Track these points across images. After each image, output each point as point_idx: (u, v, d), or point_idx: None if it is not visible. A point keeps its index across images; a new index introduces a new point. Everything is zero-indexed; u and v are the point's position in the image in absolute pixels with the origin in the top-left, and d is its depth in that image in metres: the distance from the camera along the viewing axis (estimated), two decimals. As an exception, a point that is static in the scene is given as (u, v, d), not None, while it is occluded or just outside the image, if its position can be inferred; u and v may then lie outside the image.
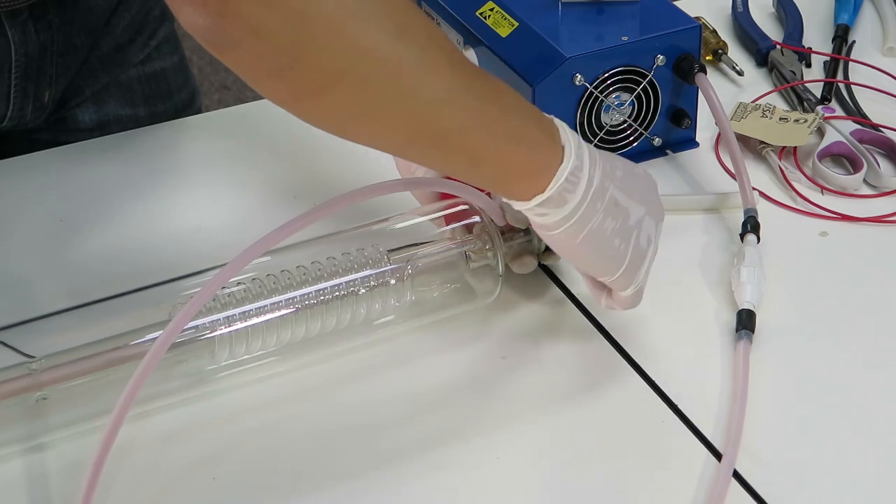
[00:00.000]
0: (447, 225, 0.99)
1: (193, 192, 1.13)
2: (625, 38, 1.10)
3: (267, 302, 0.92)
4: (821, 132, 1.17)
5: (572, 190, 0.84)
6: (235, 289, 0.92)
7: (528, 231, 0.97)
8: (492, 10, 1.16)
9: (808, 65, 1.28)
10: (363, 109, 0.78)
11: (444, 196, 0.99)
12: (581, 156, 0.85)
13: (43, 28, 1.13)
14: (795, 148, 1.15)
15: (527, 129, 0.83)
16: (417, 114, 0.79)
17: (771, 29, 1.34)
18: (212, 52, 0.73)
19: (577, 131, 1.11)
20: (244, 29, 0.72)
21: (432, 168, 0.88)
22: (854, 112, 1.21)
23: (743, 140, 1.15)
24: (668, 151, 1.17)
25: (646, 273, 0.91)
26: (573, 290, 1.01)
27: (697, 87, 1.13)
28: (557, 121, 0.86)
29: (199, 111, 1.31)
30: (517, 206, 0.86)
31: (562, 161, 0.84)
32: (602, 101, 1.11)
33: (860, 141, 1.16)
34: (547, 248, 0.98)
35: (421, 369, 0.95)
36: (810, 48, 1.29)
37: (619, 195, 0.87)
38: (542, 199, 0.84)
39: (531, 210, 0.85)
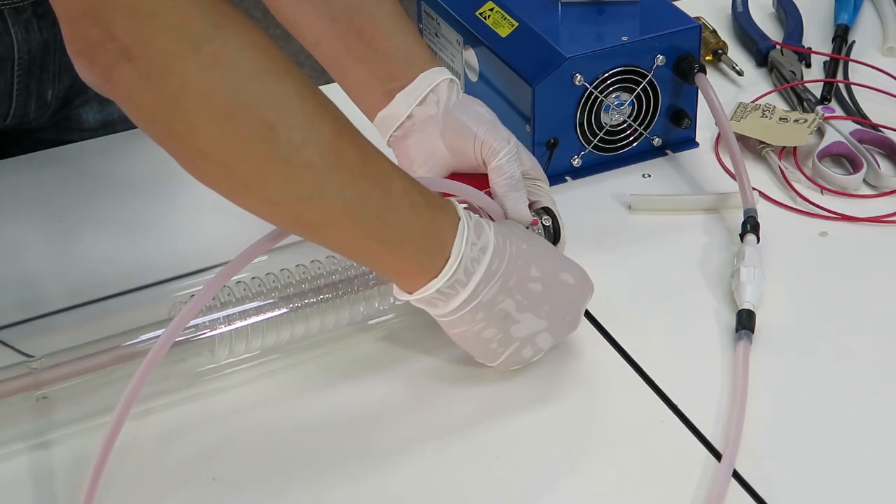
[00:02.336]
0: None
1: (194, 192, 1.12)
2: (625, 38, 1.10)
3: (267, 301, 0.92)
4: (821, 132, 1.17)
5: (448, 298, 0.86)
6: (235, 288, 0.92)
7: (528, 229, 0.97)
8: (492, 10, 1.16)
9: (808, 65, 1.28)
10: (232, 188, 0.81)
11: (446, 195, 0.99)
12: (474, 271, 0.86)
13: (46, 25, 1.13)
14: (795, 148, 1.15)
15: (404, 239, 0.85)
16: (286, 204, 0.81)
17: (771, 29, 1.34)
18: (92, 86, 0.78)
19: (577, 131, 1.11)
20: (123, 97, 0.77)
21: (320, 244, 0.90)
22: (854, 112, 1.21)
23: (743, 140, 1.15)
24: (668, 151, 1.17)
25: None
26: (573, 290, 1.01)
27: (697, 87, 1.13)
28: (464, 226, 0.86)
29: (201, 111, 1.31)
30: (396, 293, 0.88)
31: (437, 274, 0.85)
32: (602, 101, 1.11)
33: (860, 141, 1.16)
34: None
35: (420, 368, 0.95)
36: (810, 48, 1.29)
37: (514, 310, 0.88)
38: (411, 299, 0.87)
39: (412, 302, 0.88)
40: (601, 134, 1.13)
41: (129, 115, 0.78)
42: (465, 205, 0.98)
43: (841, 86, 1.24)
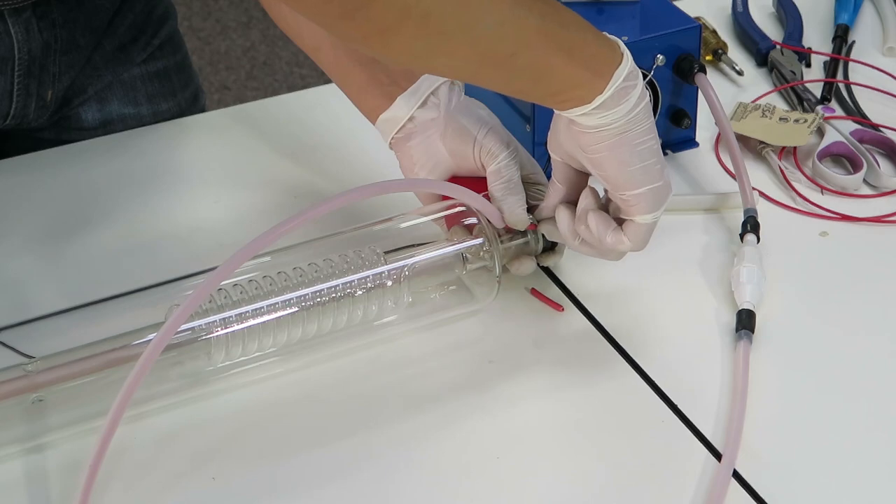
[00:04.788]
0: (448, 226, 0.99)
1: (194, 192, 1.13)
2: (625, 38, 1.10)
3: (263, 304, 0.91)
4: (821, 132, 1.17)
5: (630, 90, 0.86)
6: (232, 290, 0.92)
7: (525, 233, 0.97)
8: (492, 10, 1.15)
9: (808, 65, 1.28)
10: (429, 44, 0.80)
11: (446, 197, 0.99)
12: (636, 68, 0.87)
13: (46, 26, 1.13)
14: (795, 148, 1.15)
15: (586, 40, 0.85)
16: (482, 40, 0.81)
17: (771, 29, 1.34)
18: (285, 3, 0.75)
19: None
20: None
21: (496, 89, 0.91)
22: (854, 112, 1.21)
23: (743, 140, 1.15)
24: (668, 151, 1.17)
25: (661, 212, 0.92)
26: (573, 291, 1.01)
27: (697, 87, 1.13)
28: (614, 38, 0.88)
29: (202, 110, 1.31)
30: (577, 113, 0.87)
31: (619, 64, 0.86)
32: (602, 101, 1.11)
33: (860, 141, 1.16)
34: (545, 249, 0.98)
35: (418, 371, 0.95)
36: (810, 48, 1.29)
37: (654, 126, 0.89)
38: (603, 99, 0.86)
39: (590, 115, 0.86)
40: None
41: (319, 2, 0.76)
42: (463, 207, 0.98)
43: (841, 86, 1.24)
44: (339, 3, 0.76)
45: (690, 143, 1.18)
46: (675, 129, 1.16)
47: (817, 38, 1.33)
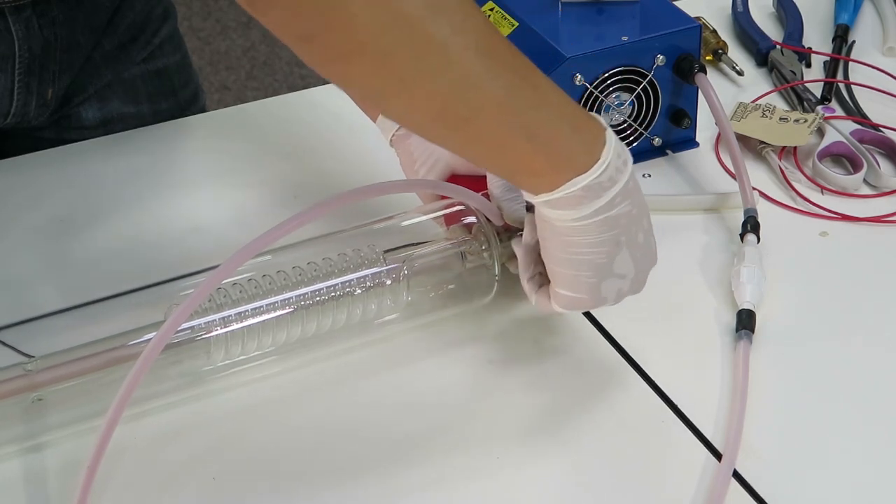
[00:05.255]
0: (447, 225, 0.99)
1: (194, 192, 1.13)
2: (625, 38, 1.10)
3: (263, 302, 0.91)
4: (821, 132, 1.17)
5: (588, 200, 0.82)
6: (231, 289, 0.92)
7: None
8: (492, 10, 1.16)
9: (808, 65, 1.28)
10: (385, 85, 0.77)
11: (444, 197, 0.99)
12: (616, 179, 0.82)
13: (47, 24, 1.13)
14: (795, 148, 1.15)
15: (558, 131, 0.81)
16: (438, 94, 0.78)
17: (771, 29, 1.34)
18: (248, 11, 0.74)
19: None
20: None
21: (452, 151, 0.86)
22: (854, 112, 1.21)
23: (743, 140, 1.15)
24: (668, 151, 1.17)
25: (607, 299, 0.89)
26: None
27: (697, 87, 1.13)
28: (611, 134, 0.83)
29: (203, 109, 1.31)
30: (527, 197, 0.84)
31: (585, 171, 0.81)
32: (602, 101, 1.11)
33: (860, 141, 1.16)
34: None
35: (418, 369, 0.95)
36: (810, 48, 1.29)
37: (624, 242, 0.85)
38: (549, 198, 0.82)
39: (547, 205, 0.83)
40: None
41: (279, 17, 0.74)
42: (462, 206, 0.98)
43: (841, 86, 1.24)
44: (301, 24, 0.74)
45: (690, 143, 1.18)
46: (675, 129, 1.16)
47: (817, 38, 1.33)
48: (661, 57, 1.11)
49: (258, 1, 0.74)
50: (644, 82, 1.12)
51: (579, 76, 1.09)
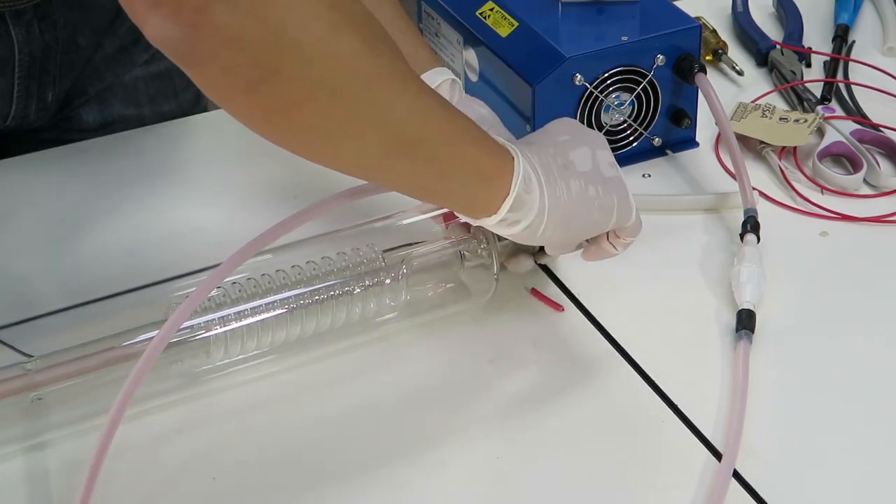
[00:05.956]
0: (445, 224, 0.99)
1: (194, 192, 1.13)
2: (625, 38, 1.10)
3: (262, 301, 0.92)
4: (821, 132, 1.17)
5: (529, 181, 0.84)
6: (231, 288, 0.92)
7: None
8: (492, 10, 1.16)
9: (808, 65, 1.28)
10: (338, 124, 0.76)
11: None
12: (515, 148, 0.85)
13: (47, 28, 1.13)
14: (795, 148, 1.15)
15: (485, 136, 0.84)
16: (392, 124, 0.78)
17: (771, 29, 1.34)
18: (181, 66, 0.71)
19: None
20: (221, 41, 0.69)
21: (402, 185, 0.85)
22: (854, 112, 1.21)
23: (743, 140, 1.15)
24: (668, 151, 1.17)
25: (630, 195, 0.90)
26: (573, 290, 1.01)
27: (697, 87, 1.13)
28: (511, 148, 0.86)
29: (204, 111, 1.31)
30: (488, 223, 0.85)
31: (513, 157, 0.84)
32: (602, 101, 1.11)
33: (860, 141, 1.16)
34: (542, 247, 0.98)
35: (417, 368, 0.95)
36: (810, 48, 1.29)
37: (560, 158, 0.87)
38: (511, 202, 0.84)
39: (504, 221, 0.85)
40: (601, 133, 1.13)
41: (220, 68, 0.71)
42: None
43: (841, 86, 1.24)
44: (244, 75, 0.71)
45: (690, 143, 1.18)
46: (675, 129, 1.16)
47: (817, 38, 1.33)
48: (661, 57, 1.11)
49: (197, 52, 0.70)
50: (644, 82, 1.12)
51: (579, 76, 1.09)
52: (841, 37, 1.31)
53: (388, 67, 0.76)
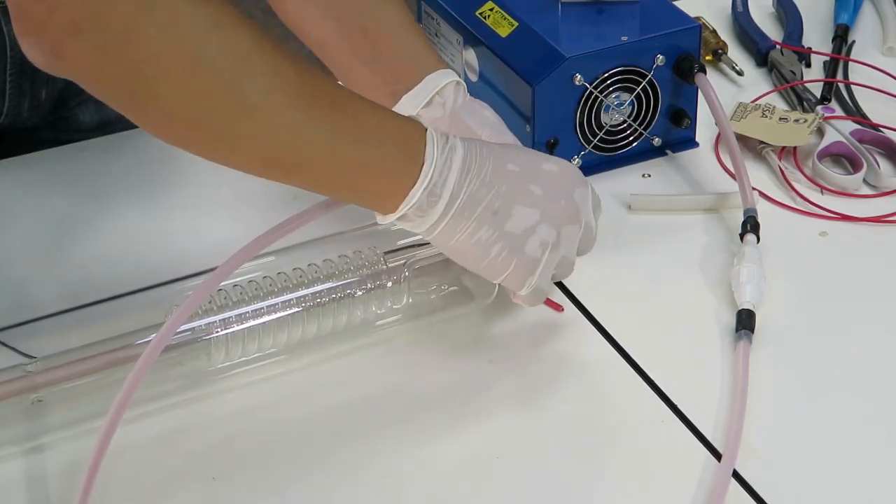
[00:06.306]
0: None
1: (193, 192, 1.13)
2: (625, 38, 1.10)
3: (263, 304, 0.92)
4: (821, 132, 1.17)
5: (429, 208, 0.84)
6: (232, 291, 0.92)
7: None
8: (492, 10, 1.16)
9: (808, 65, 1.28)
10: (208, 147, 0.80)
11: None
12: (446, 172, 0.84)
13: None
14: (795, 148, 1.15)
15: (383, 156, 0.83)
16: (263, 150, 0.80)
17: (771, 29, 1.34)
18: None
19: (577, 131, 1.11)
20: (79, 71, 0.74)
21: (298, 187, 0.87)
22: (854, 112, 1.21)
23: (743, 140, 1.15)
24: (668, 151, 1.17)
25: (543, 276, 0.89)
26: (571, 289, 1.01)
27: (697, 87, 1.13)
28: (431, 134, 0.85)
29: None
30: (380, 219, 0.86)
31: (416, 182, 0.84)
32: (602, 101, 1.11)
33: (860, 141, 1.16)
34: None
35: (418, 371, 0.95)
36: (810, 48, 1.29)
37: (500, 203, 0.86)
38: (396, 216, 0.85)
39: (396, 224, 0.86)
40: (601, 134, 1.13)
41: (88, 89, 0.76)
42: None
43: (841, 86, 1.24)
44: (116, 97, 0.77)
45: (690, 143, 1.18)
46: (675, 129, 1.16)
47: (817, 38, 1.33)
48: (661, 57, 1.11)
49: (62, 74, 0.75)
50: (644, 82, 1.12)
51: (579, 76, 1.09)
52: (841, 37, 1.31)
53: (257, 100, 0.78)
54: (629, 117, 1.14)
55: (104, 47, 0.73)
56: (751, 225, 1.04)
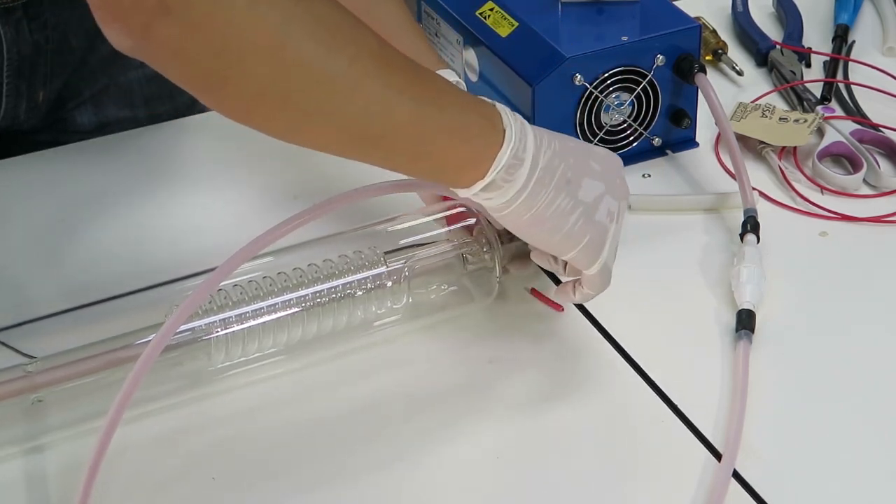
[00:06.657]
0: (449, 226, 0.99)
1: (193, 193, 1.13)
2: (625, 38, 1.10)
3: (263, 304, 0.91)
4: (821, 132, 1.17)
5: (514, 172, 0.84)
6: (232, 291, 0.92)
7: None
8: (492, 10, 1.16)
9: (808, 65, 1.28)
10: (291, 123, 0.79)
11: (446, 198, 0.99)
12: (524, 138, 0.84)
13: (37, 27, 1.13)
14: (795, 148, 1.15)
15: (466, 122, 0.83)
16: (349, 123, 0.80)
17: (771, 29, 1.34)
18: (145, 61, 0.75)
19: (577, 131, 1.11)
20: (167, 53, 0.74)
21: (376, 165, 0.87)
22: (854, 112, 1.21)
23: (743, 140, 1.15)
24: (668, 151, 1.17)
25: (611, 249, 0.89)
26: (573, 291, 1.01)
27: (697, 87, 1.13)
28: (500, 106, 0.86)
29: (200, 112, 1.31)
30: (462, 193, 0.85)
31: (501, 146, 0.83)
32: (602, 101, 1.11)
33: (860, 141, 1.16)
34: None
35: (418, 371, 0.95)
36: (810, 48, 1.29)
37: (571, 173, 0.86)
38: (484, 184, 0.84)
39: (476, 196, 0.85)
40: (601, 134, 1.13)
41: (175, 75, 0.76)
42: (464, 208, 0.98)
43: (841, 86, 1.24)
44: (197, 83, 0.76)
45: (690, 143, 1.18)
46: (675, 129, 1.16)
47: (817, 38, 1.33)
48: (661, 57, 1.11)
49: (154, 62, 0.75)
50: (644, 82, 1.12)
51: (579, 76, 1.09)
52: (841, 37, 1.31)
53: (342, 69, 0.77)
54: (629, 117, 1.14)
55: (194, 25, 0.72)
56: (751, 225, 1.04)
